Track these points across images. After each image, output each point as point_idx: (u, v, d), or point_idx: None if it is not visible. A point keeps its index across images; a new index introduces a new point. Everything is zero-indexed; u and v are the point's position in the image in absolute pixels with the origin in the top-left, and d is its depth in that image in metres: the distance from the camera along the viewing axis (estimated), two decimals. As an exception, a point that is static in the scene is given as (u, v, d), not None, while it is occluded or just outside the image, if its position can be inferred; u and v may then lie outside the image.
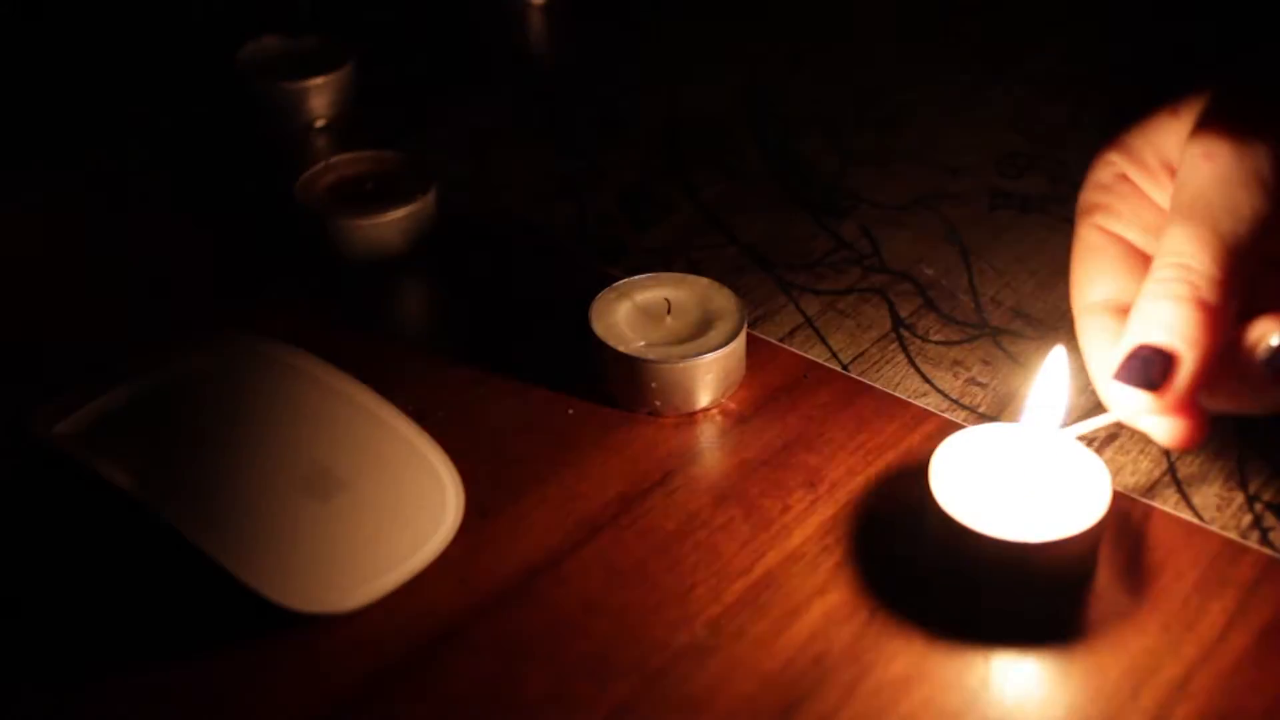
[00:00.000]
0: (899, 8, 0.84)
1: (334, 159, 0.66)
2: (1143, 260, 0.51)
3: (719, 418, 0.56)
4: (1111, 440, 0.54)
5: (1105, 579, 0.49)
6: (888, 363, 0.58)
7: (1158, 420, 0.47)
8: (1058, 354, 0.50)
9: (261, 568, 0.47)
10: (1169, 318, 0.45)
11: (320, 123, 0.74)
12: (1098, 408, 0.50)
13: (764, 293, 0.62)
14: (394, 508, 0.50)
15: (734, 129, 0.73)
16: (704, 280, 0.58)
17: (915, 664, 0.46)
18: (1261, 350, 0.45)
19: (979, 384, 0.57)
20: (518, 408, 0.56)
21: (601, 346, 0.55)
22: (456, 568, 0.49)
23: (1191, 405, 0.46)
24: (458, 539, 0.50)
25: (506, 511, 0.52)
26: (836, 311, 0.61)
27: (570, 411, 0.56)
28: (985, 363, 0.58)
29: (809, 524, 0.51)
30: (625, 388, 0.55)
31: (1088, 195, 0.52)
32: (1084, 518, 0.47)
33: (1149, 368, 0.45)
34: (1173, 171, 0.49)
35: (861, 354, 0.58)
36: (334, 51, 0.75)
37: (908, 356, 0.58)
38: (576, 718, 0.45)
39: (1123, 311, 0.49)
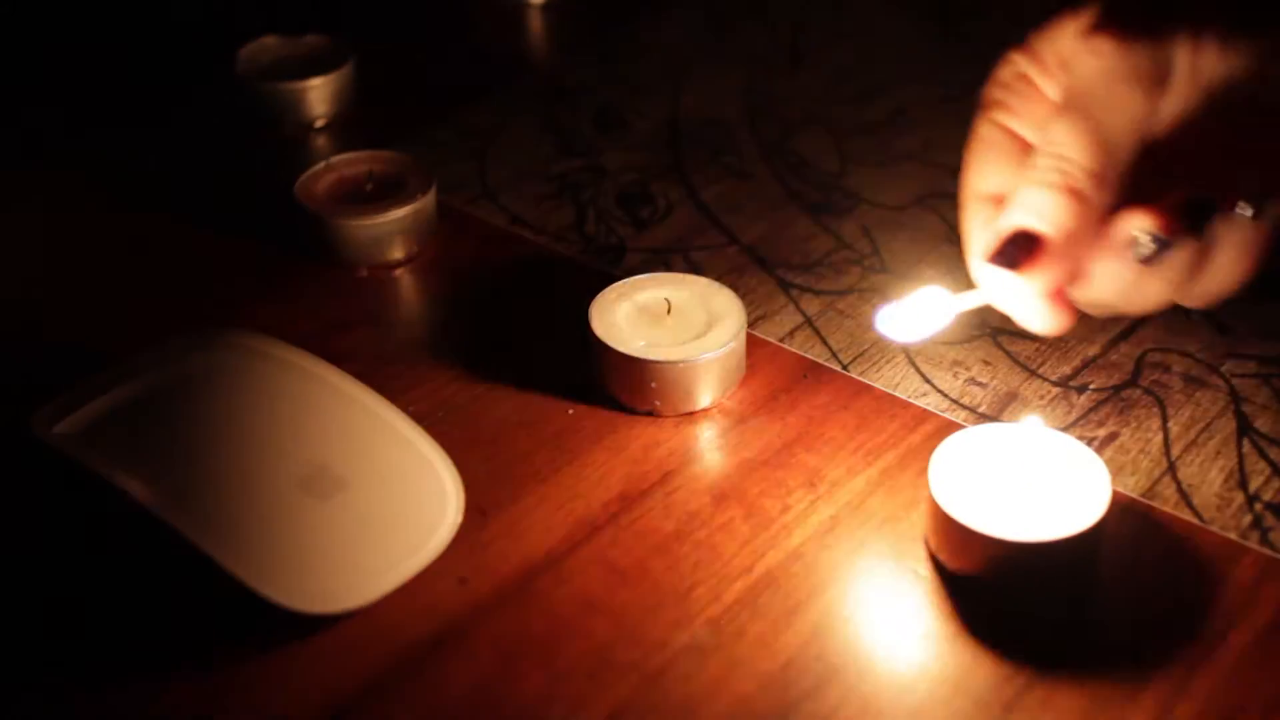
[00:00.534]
0: (899, 7, 0.84)
1: (334, 159, 0.66)
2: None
3: (719, 418, 0.56)
4: (1111, 440, 0.54)
5: (1105, 579, 0.48)
6: (888, 363, 0.58)
7: (1024, 304, 0.49)
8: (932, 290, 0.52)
9: (261, 568, 0.47)
10: (1040, 204, 0.47)
11: (320, 123, 0.74)
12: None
13: (764, 293, 0.62)
14: (394, 507, 0.50)
15: (734, 129, 0.73)
16: (704, 280, 0.58)
17: (915, 664, 0.46)
18: (1130, 241, 0.47)
19: (979, 384, 0.57)
20: (518, 408, 0.56)
21: (601, 346, 0.55)
22: (456, 568, 0.49)
23: (1058, 293, 0.48)
24: (458, 539, 0.50)
25: (506, 511, 0.52)
26: (836, 311, 0.61)
27: (570, 411, 0.56)
28: (985, 363, 0.58)
29: (809, 524, 0.51)
30: (625, 388, 0.55)
31: (989, 92, 0.53)
32: (1084, 518, 0.47)
33: (1014, 249, 0.47)
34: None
35: (861, 354, 0.58)
36: (334, 51, 0.75)
37: (908, 356, 0.58)
38: (576, 718, 0.45)
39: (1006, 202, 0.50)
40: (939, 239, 0.65)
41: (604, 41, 0.81)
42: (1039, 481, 0.49)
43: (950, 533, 0.48)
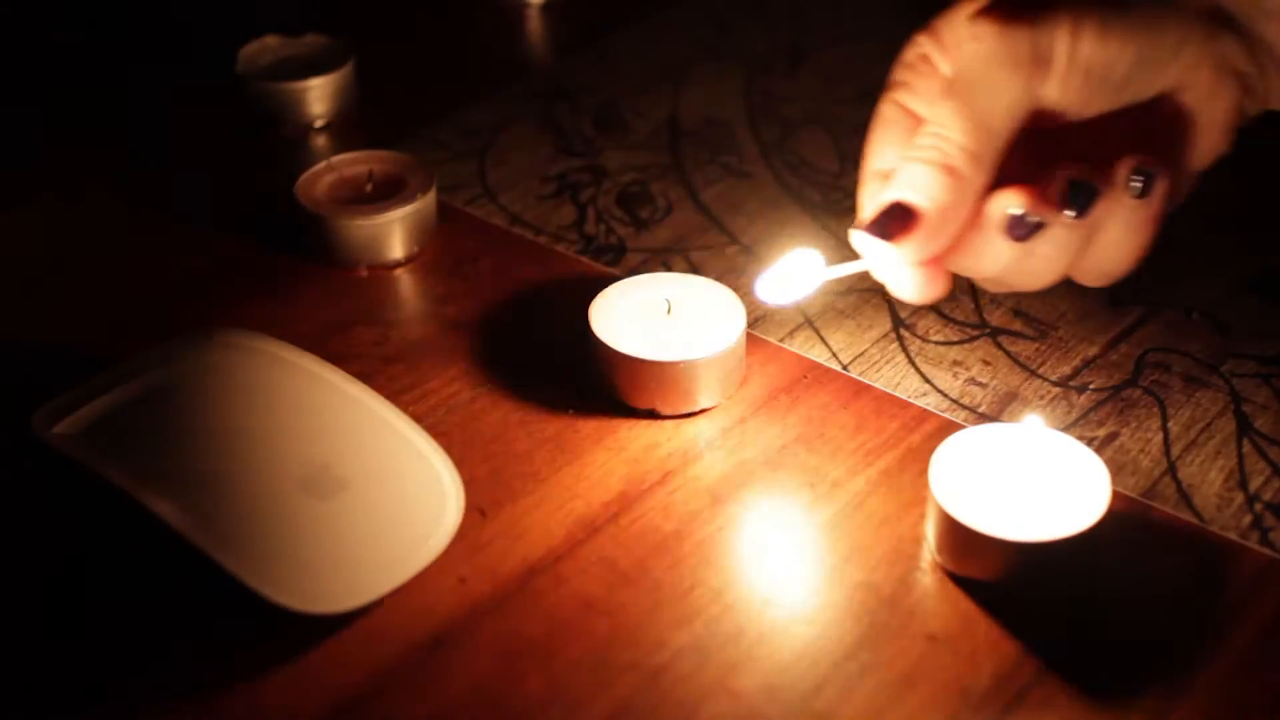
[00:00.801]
0: (898, 7, 0.84)
1: (334, 159, 0.66)
2: None
3: (719, 418, 0.56)
4: (1111, 440, 0.54)
5: (1105, 579, 0.48)
6: (888, 363, 0.58)
7: (897, 273, 0.51)
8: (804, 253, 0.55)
9: (262, 568, 0.47)
10: (918, 179, 0.49)
11: (320, 123, 0.74)
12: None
13: (764, 293, 0.62)
14: (394, 507, 0.50)
15: (734, 129, 0.73)
16: (704, 280, 0.58)
17: (915, 664, 0.46)
18: (1003, 218, 0.49)
19: (979, 384, 0.57)
20: (518, 408, 0.56)
21: (601, 346, 0.55)
22: (456, 568, 0.49)
23: (931, 263, 0.50)
24: (458, 539, 0.50)
25: (506, 511, 0.52)
26: (836, 311, 0.61)
27: (570, 411, 0.56)
28: (985, 363, 0.58)
29: (809, 524, 0.51)
30: (625, 388, 0.55)
31: (893, 73, 0.55)
32: (1084, 518, 0.47)
33: (889, 220, 0.49)
34: None
35: (861, 354, 0.58)
36: (334, 51, 0.75)
37: (908, 356, 0.58)
38: (576, 718, 0.45)
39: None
40: (939, 239, 0.65)
41: (604, 41, 0.81)
42: (1039, 481, 0.49)
43: (951, 533, 0.48)
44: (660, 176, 0.70)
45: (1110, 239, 0.50)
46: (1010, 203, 0.49)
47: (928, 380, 0.57)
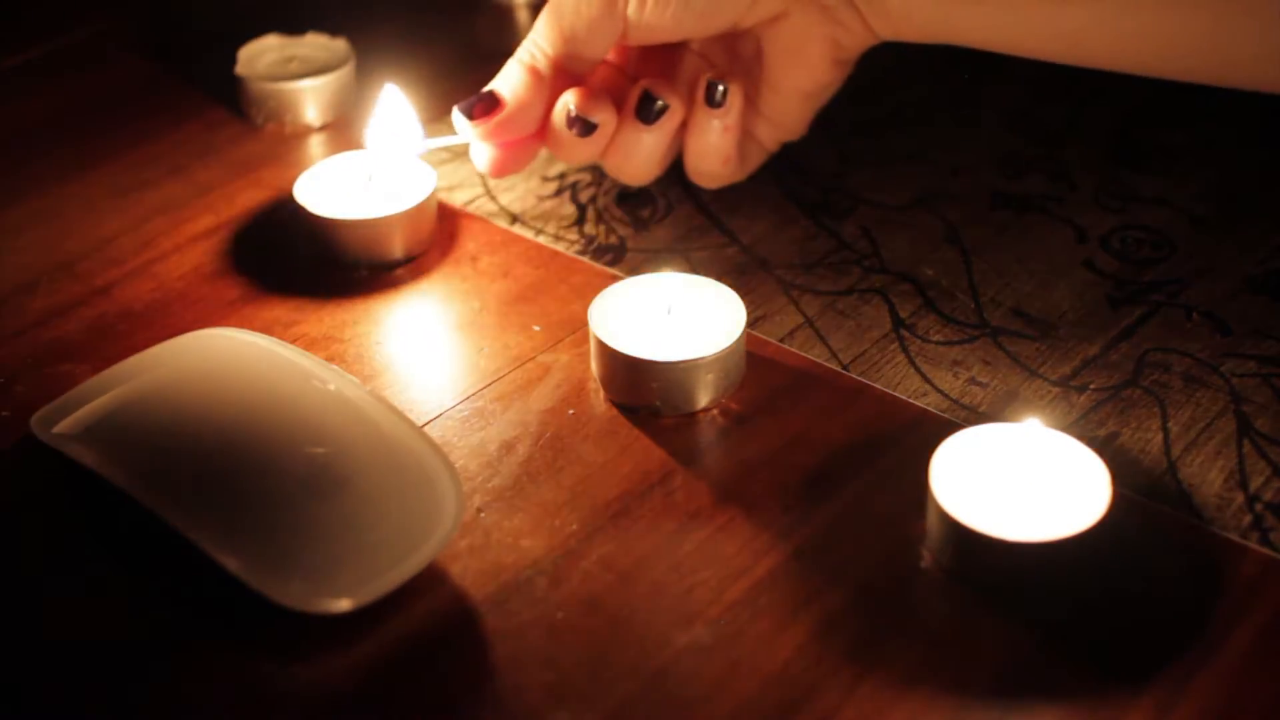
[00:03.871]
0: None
1: (333, 157, 0.66)
2: None
3: (719, 418, 0.56)
4: (1112, 440, 0.54)
5: (1105, 579, 0.48)
6: (888, 363, 0.58)
7: (476, 148, 0.63)
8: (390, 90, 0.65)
9: (262, 567, 0.47)
10: (508, 75, 0.60)
11: (320, 123, 0.74)
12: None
13: (764, 293, 0.62)
14: (394, 507, 0.50)
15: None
16: (704, 280, 0.58)
17: (915, 665, 0.46)
18: (564, 114, 0.60)
19: (979, 384, 0.57)
20: (518, 407, 0.56)
21: (601, 346, 0.55)
22: (456, 567, 0.49)
23: (508, 145, 0.62)
24: (458, 539, 0.50)
25: (506, 511, 0.52)
26: (836, 312, 0.61)
27: (570, 411, 0.56)
28: (985, 363, 0.58)
29: (809, 524, 0.51)
30: (625, 388, 0.55)
31: None
32: (1084, 517, 0.47)
33: (475, 103, 0.60)
34: None
35: (861, 354, 0.58)
36: (334, 51, 0.75)
37: (908, 357, 0.58)
38: (576, 718, 0.45)
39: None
40: (939, 239, 0.65)
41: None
42: (1039, 481, 0.49)
43: (951, 533, 0.48)
44: (660, 176, 0.70)
45: (698, 143, 0.61)
46: (568, 101, 0.59)
47: (928, 380, 0.57)
